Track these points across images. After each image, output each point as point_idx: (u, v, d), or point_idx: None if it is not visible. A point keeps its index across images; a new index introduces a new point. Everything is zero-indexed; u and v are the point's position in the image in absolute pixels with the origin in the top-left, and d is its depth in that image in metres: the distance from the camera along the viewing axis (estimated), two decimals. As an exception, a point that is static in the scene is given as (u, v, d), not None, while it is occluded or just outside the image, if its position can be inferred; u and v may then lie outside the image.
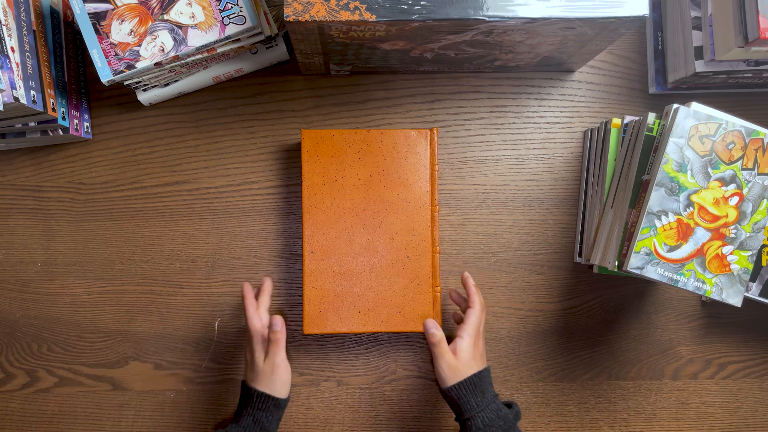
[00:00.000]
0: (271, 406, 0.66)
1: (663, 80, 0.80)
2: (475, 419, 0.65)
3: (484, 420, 0.65)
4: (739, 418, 0.82)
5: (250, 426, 0.65)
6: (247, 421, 0.66)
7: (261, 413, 0.66)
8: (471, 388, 0.66)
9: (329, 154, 0.73)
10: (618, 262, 0.68)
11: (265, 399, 0.66)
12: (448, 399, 0.67)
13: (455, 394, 0.66)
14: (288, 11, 0.59)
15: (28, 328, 0.80)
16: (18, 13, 0.68)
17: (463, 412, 0.65)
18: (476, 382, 0.66)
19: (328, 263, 0.73)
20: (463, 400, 0.65)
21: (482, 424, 0.65)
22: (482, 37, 0.66)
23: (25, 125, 0.73)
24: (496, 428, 0.65)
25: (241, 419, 0.66)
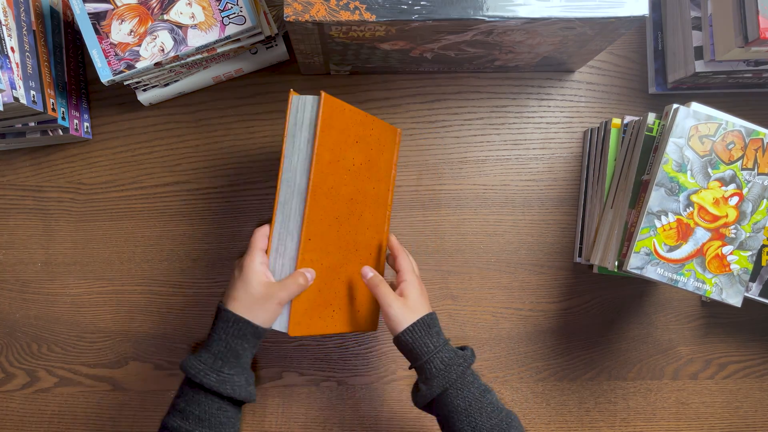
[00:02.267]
0: (249, 333, 0.60)
1: (663, 80, 0.80)
2: (433, 360, 0.61)
3: (443, 360, 0.61)
4: (739, 418, 0.82)
5: (222, 352, 0.59)
6: (218, 347, 0.59)
7: (236, 340, 0.59)
8: (425, 328, 0.62)
9: (339, 129, 0.64)
10: (618, 262, 0.68)
11: (243, 325, 0.59)
12: (403, 344, 0.62)
13: (410, 337, 0.61)
14: (288, 11, 0.59)
15: (28, 328, 0.80)
16: (18, 13, 0.68)
17: (419, 355, 0.61)
18: (429, 322, 0.63)
19: (319, 255, 0.64)
20: (419, 342, 0.61)
21: (442, 365, 0.60)
22: (482, 37, 0.66)
23: (25, 125, 0.73)
24: (456, 367, 0.60)
25: (212, 344, 0.60)
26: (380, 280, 0.64)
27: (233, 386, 0.59)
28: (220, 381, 0.58)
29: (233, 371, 0.59)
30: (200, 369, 0.58)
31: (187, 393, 0.59)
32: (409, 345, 0.62)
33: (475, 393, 0.61)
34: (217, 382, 0.58)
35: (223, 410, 0.59)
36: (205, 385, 0.58)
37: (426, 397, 0.61)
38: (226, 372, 0.59)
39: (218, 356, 0.59)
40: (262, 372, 0.80)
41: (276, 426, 0.79)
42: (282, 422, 0.79)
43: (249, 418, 0.79)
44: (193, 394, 0.59)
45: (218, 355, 0.59)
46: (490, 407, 0.61)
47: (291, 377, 0.80)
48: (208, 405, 0.58)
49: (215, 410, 0.59)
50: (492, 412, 0.60)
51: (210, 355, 0.59)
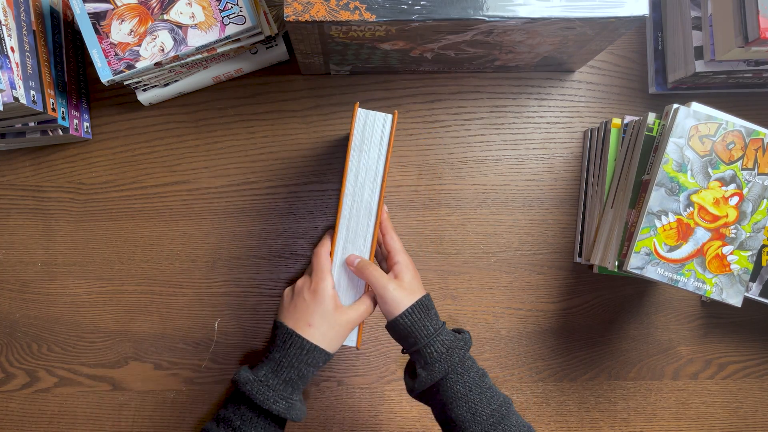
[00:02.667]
0: (321, 361, 0.58)
1: (663, 80, 0.80)
2: (434, 344, 0.58)
3: (443, 343, 0.58)
4: (739, 418, 0.82)
5: (294, 380, 0.57)
6: (290, 374, 0.57)
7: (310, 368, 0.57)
8: (424, 311, 0.59)
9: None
10: (618, 262, 0.68)
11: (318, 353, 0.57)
12: (401, 328, 0.59)
13: (409, 320, 0.58)
14: (288, 11, 0.59)
15: (28, 328, 0.80)
16: (18, 13, 0.68)
17: (418, 339, 0.58)
18: (427, 304, 0.60)
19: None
20: (418, 325, 0.58)
21: (443, 348, 0.58)
22: (482, 37, 0.66)
23: (25, 125, 0.73)
24: (457, 350, 0.58)
25: (282, 370, 0.57)
26: (367, 262, 0.61)
27: (296, 411, 0.58)
28: (288, 408, 0.57)
29: (298, 397, 0.59)
30: (269, 396, 0.57)
31: (245, 413, 0.57)
32: (408, 328, 0.59)
33: (475, 377, 0.59)
34: (285, 410, 0.57)
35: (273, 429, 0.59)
36: (274, 412, 0.57)
37: (425, 382, 0.58)
38: (294, 398, 0.58)
39: (289, 383, 0.58)
40: (262, 372, 0.80)
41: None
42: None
43: (249, 418, 0.79)
44: (252, 416, 0.57)
45: (289, 383, 0.58)
46: (489, 392, 0.59)
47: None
48: (264, 429, 0.57)
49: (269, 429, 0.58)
50: (491, 397, 0.58)
51: (280, 382, 0.58)
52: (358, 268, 0.61)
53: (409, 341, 0.60)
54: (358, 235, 0.62)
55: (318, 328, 0.58)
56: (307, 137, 0.80)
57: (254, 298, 0.80)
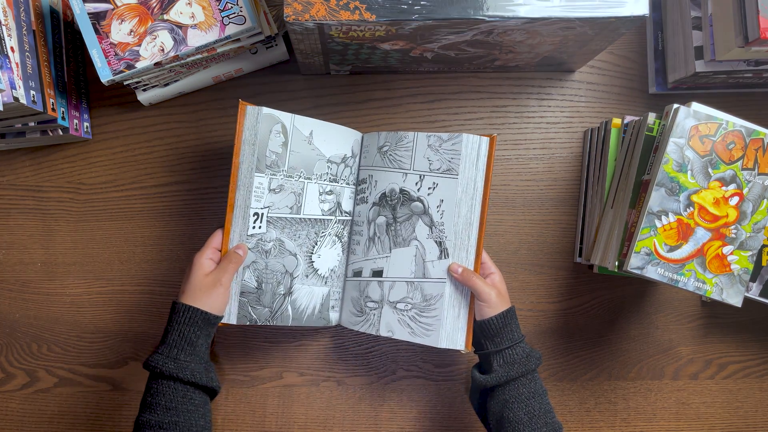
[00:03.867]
0: (199, 320, 0.62)
1: (663, 80, 0.80)
2: (518, 347, 0.65)
3: (524, 350, 0.66)
4: (739, 418, 0.82)
5: (176, 341, 0.61)
6: (172, 337, 0.62)
7: (188, 327, 0.62)
8: (512, 318, 0.67)
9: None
10: (618, 262, 0.68)
11: (192, 312, 0.62)
12: (492, 327, 0.66)
13: (502, 322, 0.66)
14: (288, 11, 0.59)
15: (28, 328, 0.80)
16: (18, 13, 0.68)
17: (506, 339, 0.66)
18: (514, 314, 0.67)
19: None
20: (509, 327, 0.66)
21: (524, 354, 0.65)
22: (482, 37, 0.66)
23: (25, 125, 0.73)
24: (534, 359, 0.66)
25: (168, 335, 0.62)
26: (472, 272, 0.67)
27: (192, 372, 0.61)
28: (178, 367, 0.60)
29: (189, 358, 0.61)
30: (158, 359, 0.61)
31: (151, 387, 0.61)
32: (499, 329, 0.66)
33: (539, 389, 0.66)
34: (176, 369, 0.60)
35: (189, 398, 0.61)
36: (165, 372, 0.60)
37: (501, 378, 0.64)
38: (183, 359, 0.61)
39: (173, 345, 0.62)
40: (262, 372, 0.80)
41: (276, 426, 0.79)
42: (282, 422, 0.79)
43: (249, 418, 0.79)
44: (156, 386, 0.61)
45: (173, 344, 0.62)
46: (548, 406, 0.66)
47: (291, 377, 0.80)
48: (172, 393, 0.60)
49: (180, 397, 0.60)
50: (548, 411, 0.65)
51: (165, 346, 0.62)
52: (462, 276, 0.67)
53: (495, 340, 0.66)
54: (461, 248, 0.68)
55: (188, 292, 0.63)
56: (307, 137, 0.80)
57: (254, 298, 0.79)
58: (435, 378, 0.80)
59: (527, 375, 0.65)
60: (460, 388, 0.80)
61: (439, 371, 0.80)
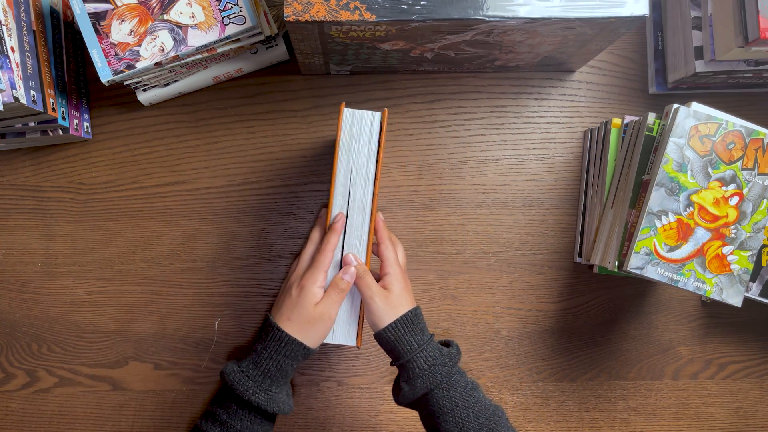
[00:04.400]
0: (300, 355, 0.59)
1: (663, 80, 0.80)
2: (417, 360, 0.59)
3: (427, 360, 0.59)
4: (739, 418, 0.82)
5: (272, 372, 0.59)
6: (268, 366, 0.59)
7: (287, 360, 0.58)
8: (409, 325, 0.60)
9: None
10: (618, 262, 0.68)
11: (296, 347, 0.58)
12: (384, 341, 0.60)
13: (392, 335, 0.59)
14: (288, 11, 0.59)
15: (28, 328, 0.80)
16: (18, 13, 0.68)
17: (401, 354, 0.59)
18: (413, 319, 0.60)
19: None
20: (402, 340, 0.59)
21: (426, 365, 0.59)
22: (482, 37, 0.66)
23: (25, 125, 0.73)
24: (441, 366, 0.59)
25: (262, 362, 0.59)
26: (364, 270, 0.61)
27: (278, 404, 0.59)
28: (268, 399, 0.59)
29: (279, 389, 0.60)
30: (249, 387, 0.58)
31: (230, 407, 0.59)
32: (391, 343, 0.60)
33: (462, 392, 0.59)
34: (265, 401, 0.58)
35: (263, 426, 0.60)
36: (254, 403, 0.58)
37: (408, 397, 0.59)
38: (274, 391, 0.59)
39: (268, 375, 0.59)
40: (262, 372, 0.80)
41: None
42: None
43: (249, 418, 0.79)
44: (237, 409, 0.59)
45: (268, 374, 0.59)
46: (477, 405, 0.59)
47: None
48: (250, 421, 0.59)
49: (257, 426, 0.59)
50: (480, 411, 0.59)
51: (259, 373, 0.59)
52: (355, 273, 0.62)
53: (393, 355, 0.61)
54: (353, 235, 0.63)
55: (296, 322, 0.59)
56: (307, 137, 0.80)
57: (254, 298, 0.80)
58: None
59: (441, 385, 0.59)
60: (460, 388, 0.80)
61: (439, 371, 0.80)
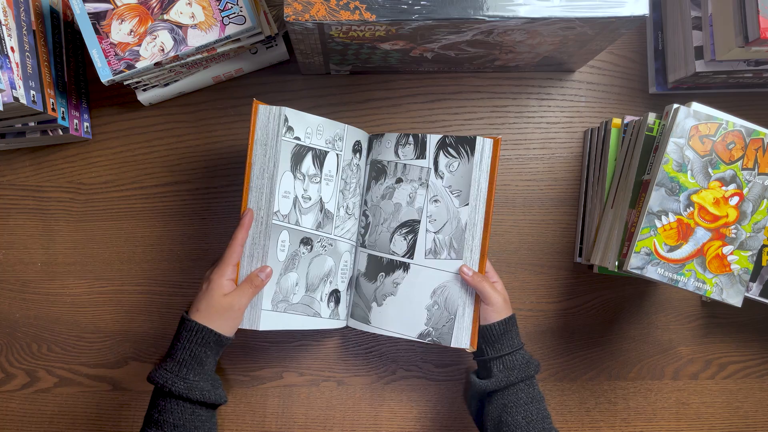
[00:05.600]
0: (211, 342, 0.62)
1: (663, 80, 0.80)
2: (518, 354, 0.67)
3: (524, 356, 0.67)
4: (739, 418, 0.82)
5: (186, 360, 0.61)
6: (183, 355, 0.61)
7: (199, 347, 0.61)
8: (514, 325, 0.68)
9: None
10: (618, 262, 0.68)
11: (206, 333, 0.61)
12: (494, 332, 0.67)
13: (504, 328, 0.67)
14: (288, 11, 0.59)
15: (28, 328, 0.80)
16: (18, 13, 0.68)
17: (506, 345, 0.67)
18: (515, 321, 0.68)
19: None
20: (510, 334, 0.67)
21: (523, 360, 0.66)
22: (482, 37, 0.66)
23: (25, 125, 0.73)
24: (533, 365, 0.67)
25: (176, 353, 0.62)
26: (482, 277, 0.68)
27: (201, 391, 0.61)
28: (187, 387, 0.60)
29: (198, 377, 0.62)
30: (167, 378, 0.61)
31: (158, 403, 0.61)
32: (500, 334, 0.67)
33: (537, 395, 0.67)
34: (185, 389, 0.60)
35: (197, 414, 0.61)
36: (174, 392, 0.60)
37: (501, 383, 0.65)
38: (192, 378, 0.61)
39: (183, 364, 0.61)
40: (262, 372, 0.80)
41: (276, 426, 0.79)
42: (282, 422, 0.79)
43: (249, 418, 0.79)
44: (164, 404, 0.61)
45: (183, 363, 0.61)
46: (545, 411, 0.66)
47: (291, 377, 0.80)
48: (180, 411, 0.61)
49: (189, 415, 0.61)
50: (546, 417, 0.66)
51: (175, 364, 0.62)
52: (473, 279, 0.67)
53: (495, 346, 0.67)
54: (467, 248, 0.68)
55: (203, 311, 0.62)
56: (307, 137, 0.80)
57: (254, 298, 0.79)
58: (435, 378, 0.80)
59: (526, 381, 0.66)
60: (461, 388, 0.80)
61: (439, 371, 0.80)
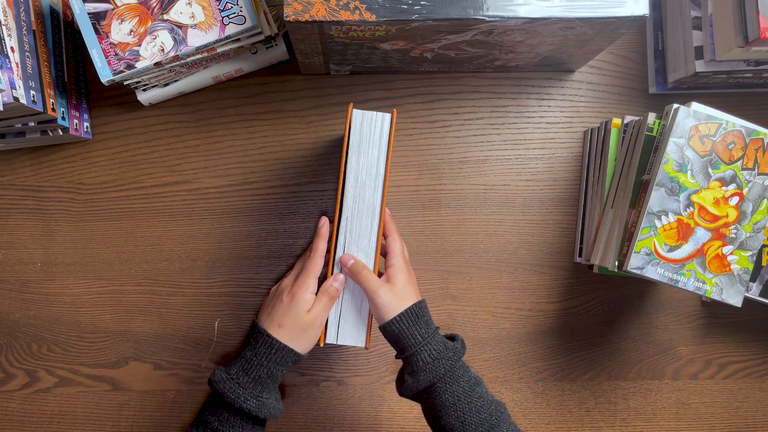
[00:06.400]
0: (290, 361, 0.59)
1: (663, 80, 0.80)
2: (421, 353, 0.58)
3: (431, 353, 0.59)
4: (739, 418, 0.82)
5: (263, 378, 0.59)
6: (259, 372, 0.59)
7: (278, 367, 0.59)
8: (414, 318, 0.59)
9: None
10: (618, 262, 0.68)
11: (287, 354, 0.59)
12: (389, 334, 0.60)
13: (397, 328, 0.59)
14: (288, 11, 0.59)
15: (28, 328, 0.80)
16: (18, 13, 0.68)
17: (406, 347, 0.59)
18: (418, 312, 0.60)
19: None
20: (406, 333, 0.59)
21: (429, 358, 0.58)
22: (482, 37, 0.66)
23: (24, 125, 0.73)
24: (444, 360, 0.59)
25: (252, 369, 0.59)
26: (362, 266, 0.61)
27: (269, 409, 0.59)
28: (259, 406, 0.59)
29: (269, 395, 0.60)
30: (240, 394, 0.59)
31: (222, 414, 0.59)
32: (396, 335, 0.60)
33: (465, 387, 0.59)
34: (256, 407, 0.59)
35: (257, 429, 0.60)
36: (245, 410, 0.58)
37: (411, 390, 0.60)
38: (265, 397, 0.60)
39: (258, 381, 0.60)
40: (262, 372, 0.80)
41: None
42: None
43: (249, 418, 0.79)
44: (228, 416, 0.59)
45: (258, 381, 0.60)
46: (480, 401, 0.59)
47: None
48: (242, 428, 0.59)
49: (249, 429, 0.60)
50: (482, 406, 0.59)
51: (250, 380, 0.59)
52: (351, 270, 0.61)
53: (398, 347, 0.61)
54: (362, 236, 0.62)
55: (287, 329, 0.60)
56: (306, 137, 0.80)
57: (254, 298, 0.80)
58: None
59: (444, 378, 0.59)
60: (460, 388, 0.80)
61: (439, 371, 0.80)
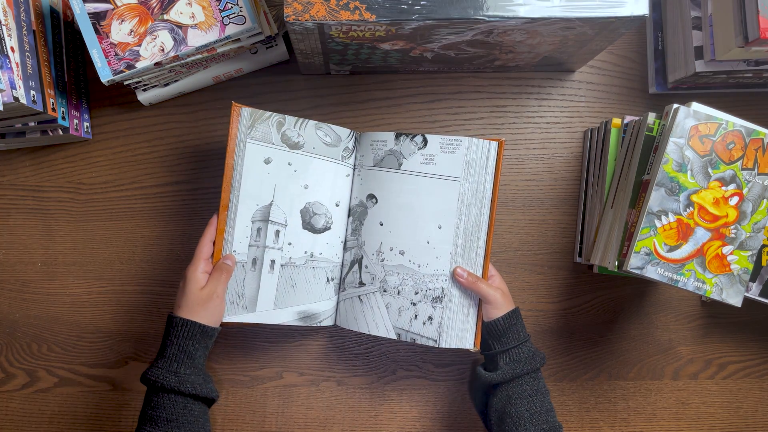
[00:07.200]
0: (197, 334, 0.63)
1: (663, 80, 0.80)
2: (523, 346, 0.68)
3: (530, 349, 0.68)
4: (739, 418, 0.82)
5: (176, 354, 0.63)
6: (172, 351, 0.63)
7: (186, 341, 0.63)
8: (517, 318, 0.69)
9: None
10: (618, 262, 0.68)
11: (191, 326, 0.63)
12: (499, 327, 0.68)
13: (508, 322, 0.68)
14: (288, 11, 0.59)
15: (28, 328, 0.80)
16: (18, 13, 0.68)
17: (512, 339, 0.68)
18: (519, 314, 0.69)
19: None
20: (515, 328, 0.68)
21: (529, 353, 0.68)
22: (482, 37, 0.66)
23: (25, 125, 0.73)
24: (539, 359, 0.68)
25: (166, 349, 0.63)
26: (476, 278, 0.69)
27: (192, 385, 0.62)
28: (179, 381, 0.62)
29: (189, 371, 0.63)
30: (159, 373, 0.62)
31: (152, 400, 0.62)
32: (505, 329, 0.68)
33: (542, 387, 0.68)
34: (177, 383, 0.61)
35: (189, 409, 0.62)
36: (167, 386, 0.61)
37: (507, 375, 0.66)
38: (183, 372, 0.62)
39: (173, 359, 0.63)
40: (262, 372, 0.80)
41: (276, 426, 0.79)
42: (282, 422, 0.79)
43: (249, 418, 0.79)
44: (157, 399, 0.62)
45: (173, 358, 0.63)
46: (549, 405, 0.68)
47: (291, 377, 0.80)
48: (173, 406, 0.62)
49: (181, 409, 0.62)
50: (550, 410, 0.67)
51: (165, 360, 0.63)
52: (467, 280, 0.68)
53: (501, 340, 0.68)
54: (471, 250, 0.69)
55: (185, 307, 0.64)
56: (307, 137, 0.80)
57: (254, 298, 0.79)
58: (435, 378, 0.80)
59: (531, 373, 0.67)
60: (460, 388, 0.80)
61: (439, 371, 0.80)
